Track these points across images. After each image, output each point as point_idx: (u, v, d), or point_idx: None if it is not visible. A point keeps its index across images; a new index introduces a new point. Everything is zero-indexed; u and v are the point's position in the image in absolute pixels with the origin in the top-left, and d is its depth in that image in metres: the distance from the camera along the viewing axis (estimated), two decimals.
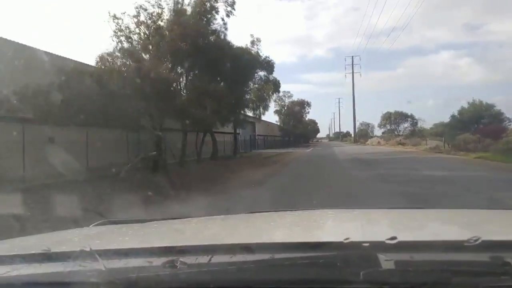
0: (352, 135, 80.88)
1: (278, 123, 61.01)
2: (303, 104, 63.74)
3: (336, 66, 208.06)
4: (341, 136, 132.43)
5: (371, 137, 68.88)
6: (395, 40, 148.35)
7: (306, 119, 76.12)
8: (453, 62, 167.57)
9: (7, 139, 8.56)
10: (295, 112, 62.49)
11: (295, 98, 63.78)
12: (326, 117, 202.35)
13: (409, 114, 60.46)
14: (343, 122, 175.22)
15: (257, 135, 50.81)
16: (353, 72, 69.56)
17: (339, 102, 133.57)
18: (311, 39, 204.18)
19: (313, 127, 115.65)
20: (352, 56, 70.12)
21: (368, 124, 73.47)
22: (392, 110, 67.54)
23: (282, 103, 62.29)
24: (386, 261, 0.82)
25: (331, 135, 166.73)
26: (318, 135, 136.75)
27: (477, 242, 0.85)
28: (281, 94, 61.78)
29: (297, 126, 63.82)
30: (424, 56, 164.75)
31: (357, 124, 74.18)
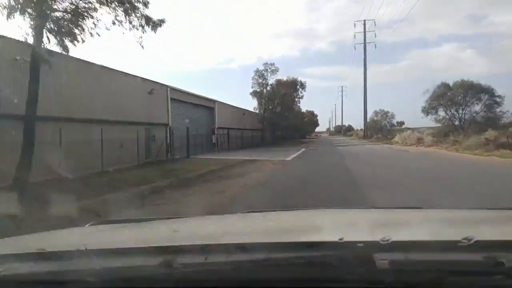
0: (361, 128, 60.52)
1: (258, 111, 39.03)
2: (294, 85, 42.48)
3: (337, 60, 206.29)
4: (343, 130, 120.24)
5: (390, 129, 48.08)
6: (396, 31, 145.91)
7: (303, 110, 58.16)
8: (456, 54, 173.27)
9: None
10: (282, 95, 40.44)
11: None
12: (326, 112, 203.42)
13: (485, 86, 31.91)
14: (345, 116, 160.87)
15: (218, 128, 28.25)
16: (365, 42, 49.61)
17: (342, 90, 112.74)
18: (312, 32, 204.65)
19: (311, 119, 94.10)
20: (364, 20, 50.48)
21: (386, 113, 53.16)
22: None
23: (264, 81, 40.43)
24: (381, 261, 0.89)
25: (331, 129, 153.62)
26: (318, 129, 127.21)
27: (470, 242, 0.93)
28: (261, 67, 41.13)
29: (287, 116, 41.77)
30: (428, 48, 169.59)
31: (369, 114, 53.97)
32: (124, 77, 17.19)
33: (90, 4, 8.54)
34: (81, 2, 8.43)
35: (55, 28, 8.25)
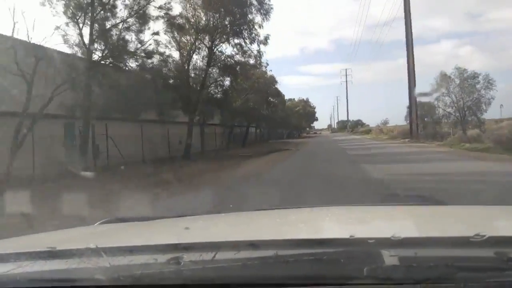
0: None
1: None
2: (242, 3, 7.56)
3: (336, 57, 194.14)
4: (349, 126, 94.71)
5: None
6: (395, 29, 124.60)
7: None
8: (454, 51, 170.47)
9: None
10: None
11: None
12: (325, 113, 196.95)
13: None
14: (350, 111, 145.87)
15: None
16: None
17: (346, 74, 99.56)
18: (311, 30, 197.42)
19: (306, 111, 69.98)
20: None
21: (474, 76, 22.32)
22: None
23: None
24: (390, 257, 0.89)
25: (333, 126, 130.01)
26: (318, 126, 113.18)
27: (483, 238, 0.92)
28: None
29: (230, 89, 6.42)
30: (426, 45, 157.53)
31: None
32: None
33: None
34: None
35: None
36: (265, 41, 20.76)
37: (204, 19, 18.59)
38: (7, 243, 1.36)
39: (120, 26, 14.40)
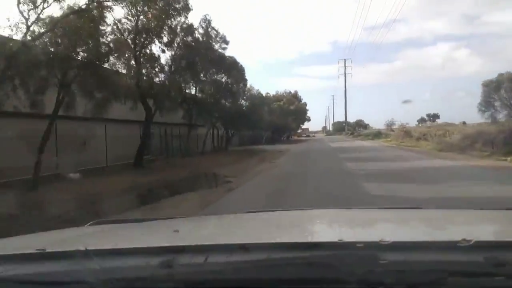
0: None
1: None
2: None
3: (333, 60, 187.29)
4: (349, 128, 79.83)
5: None
6: (392, 31, 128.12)
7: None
8: (451, 54, 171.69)
9: None
10: None
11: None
12: (321, 115, 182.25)
13: None
14: (341, 116, 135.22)
15: None
16: None
17: (344, 64, 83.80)
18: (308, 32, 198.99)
19: (295, 107, 55.64)
20: None
21: None
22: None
23: None
24: (381, 262, 0.90)
25: (329, 128, 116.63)
26: (312, 128, 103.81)
27: (471, 243, 0.93)
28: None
29: None
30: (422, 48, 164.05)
31: None
32: None
33: None
34: None
35: None
36: None
37: None
38: None
39: None
